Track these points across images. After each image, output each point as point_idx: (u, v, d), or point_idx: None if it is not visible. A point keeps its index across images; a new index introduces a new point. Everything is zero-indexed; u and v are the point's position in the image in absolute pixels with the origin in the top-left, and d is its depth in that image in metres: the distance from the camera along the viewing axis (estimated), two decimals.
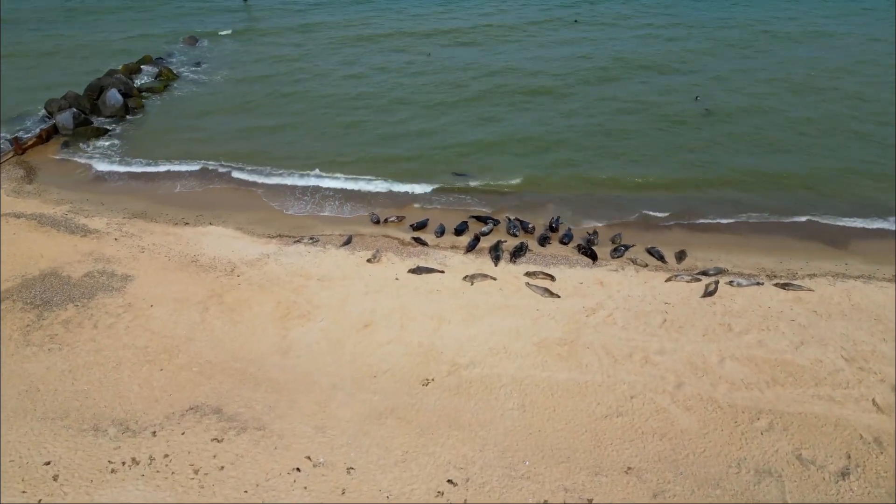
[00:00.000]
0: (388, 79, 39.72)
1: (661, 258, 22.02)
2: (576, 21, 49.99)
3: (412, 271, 21.11)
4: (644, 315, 19.04)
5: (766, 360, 17.21)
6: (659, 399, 16.06)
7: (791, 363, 17.10)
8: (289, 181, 27.86)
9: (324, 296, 19.96)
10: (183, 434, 15.03)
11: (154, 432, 15.08)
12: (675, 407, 15.82)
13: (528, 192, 26.87)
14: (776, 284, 20.31)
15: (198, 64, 42.13)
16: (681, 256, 22.13)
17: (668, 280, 20.67)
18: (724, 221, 24.66)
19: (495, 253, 22.15)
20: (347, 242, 23.05)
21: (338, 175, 28.21)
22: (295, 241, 23.19)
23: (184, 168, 28.91)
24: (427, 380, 16.71)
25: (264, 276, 21.00)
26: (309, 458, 14.43)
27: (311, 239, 23.19)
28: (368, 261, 21.79)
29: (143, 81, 38.91)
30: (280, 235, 23.82)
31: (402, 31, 47.72)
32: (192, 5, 56.34)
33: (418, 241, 23.25)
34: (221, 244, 22.91)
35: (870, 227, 23.85)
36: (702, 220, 24.79)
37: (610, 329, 18.49)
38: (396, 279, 20.85)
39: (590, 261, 22.00)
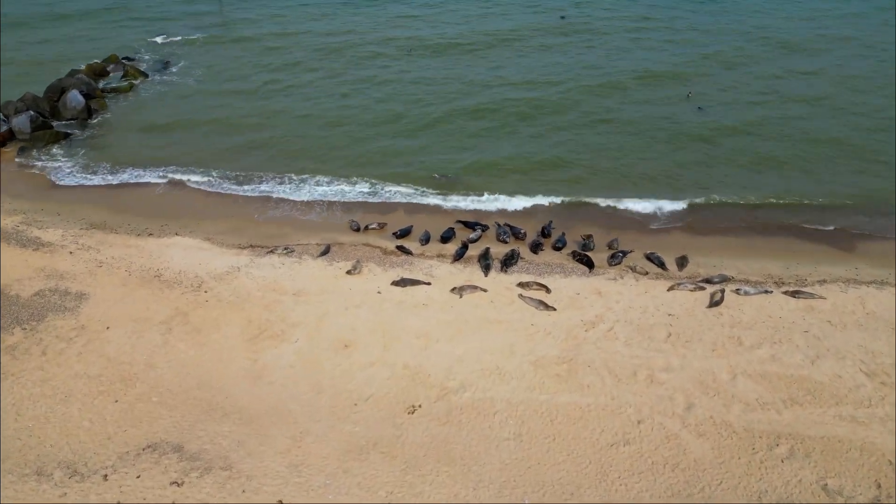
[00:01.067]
0: (368, 78, 37.98)
1: (661, 265, 20.64)
2: (562, 18, 48.45)
3: (396, 283, 19.50)
4: (647, 328, 17.63)
5: (782, 377, 15.87)
6: (669, 423, 14.63)
7: (808, 379, 15.78)
8: (262, 187, 26.05)
9: (299, 313, 18.29)
10: (138, 477, 13.29)
11: (105, 476, 13.32)
12: (687, 432, 14.40)
13: (517, 195, 25.34)
14: (785, 292, 19.01)
15: (167, 64, 40.01)
16: (682, 263, 20.77)
17: (671, 289, 19.30)
18: (725, 224, 23.35)
19: (485, 262, 20.61)
20: (325, 252, 21.37)
21: (315, 179, 26.47)
22: (268, 252, 21.46)
23: (149, 174, 26.96)
24: (413, 407, 15.13)
25: (234, 292, 19.25)
26: (282, 502, 12.78)
27: (286, 249, 21.48)
28: (348, 272, 20.13)
29: (108, 83, 36.76)
30: (252, 246, 22.05)
31: (385, 38, 45.87)
32: (164, 8, 53.97)
33: (402, 249, 21.65)
34: (188, 256, 21.10)
35: (875, 228, 22.67)
36: (701, 224, 23.46)
37: (611, 345, 17.04)
38: (379, 292, 19.23)
39: (586, 269, 20.57)
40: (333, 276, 20.07)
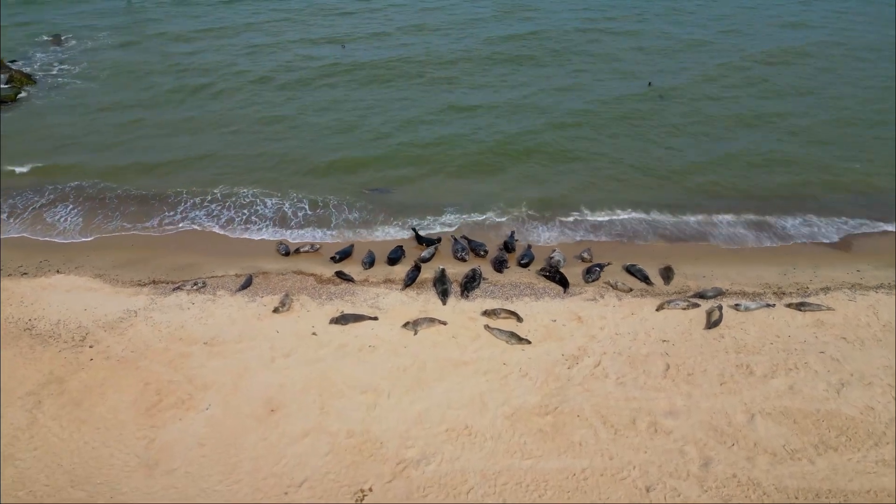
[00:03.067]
0: (299, 82, 34.04)
1: (645, 279, 17.82)
2: None
3: (335, 321, 15.91)
4: (640, 360, 14.71)
5: (806, 414, 13.21)
6: (685, 489, 11.67)
7: (837, 415, 13.17)
8: (169, 208, 21.84)
9: (212, 369, 14.46)
10: None
11: None
12: (709, 498, 11.48)
13: (471, 203, 22.12)
14: (789, 305, 16.51)
15: (62, 67, 34.85)
16: (668, 275, 18.01)
17: (661, 308, 16.48)
18: (707, 228, 20.81)
19: (442, 286, 17.26)
20: (246, 285, 17.54)
21: (236, 197, 22.44)
22: (175, 289, 17.43)
23: (29, 195, 22.29)
24: (362, 492, 11.64)
25: (129, 345, 15.22)
26: None
27: (197, 284, 17.51)
28: (275, 310, 16.39)
29: None
30: (155, 282, 17.96)
31: (314, 38, 41.81)
32: (61, 3, 48.10)
33: (341, 276, 18.04)
34: (71, 300, 16.85)
35: (870, 223, 20.63)
36: (681, 227, 20.85)
37: (601, 385, 14.01)
38: (314, 334, 15.60)
39: (560, 288, 17.52)
40: (256, 316, 16.28)
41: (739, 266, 18.71)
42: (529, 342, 15.23)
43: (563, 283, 17.54)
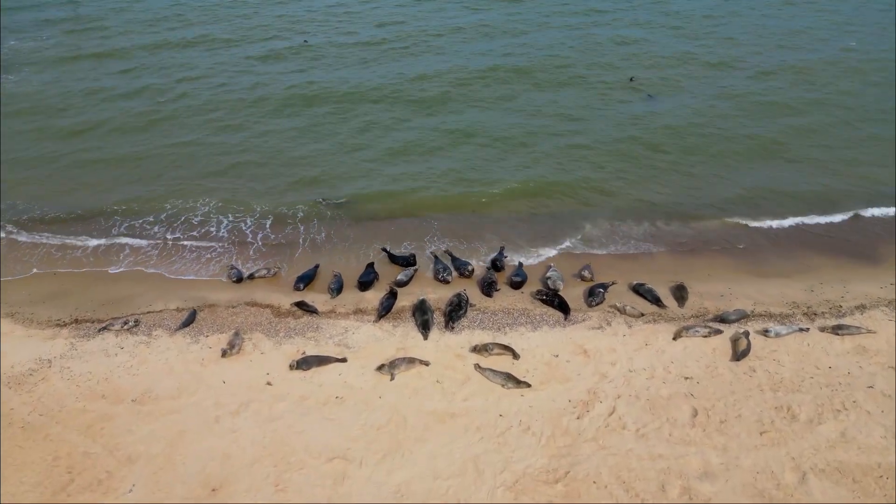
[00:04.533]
0: (260, 83, 31.09)
1: (656, 301, 15.48)
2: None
3: (296, 366, 13.19)
4: (662, 404, 12.33)
5: (866, 469, 10.96)
6: None
7: None
8: (103, 232, 18.79)
9: (141, 435, 11.65)
10: None
11: None
12: None
13: (450, 215, 19.57)
14: (824, 329, 14.30)
15: None
16: (681, 295, 15.69)
17: (678, 336, 14.13)
18: (718, 237, 18.57)
19: (422, 317, 14.67)
20: (188, 322, 14.71)
21: (183, 217, 19.49)
22: (101, 329, 14.52)
23: None
24: None
25: (38, 406, 12.32)
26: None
27: (128, 323, 14.61)
28: (223, 353, 13.61)
29: None
30: (78, 321, 15.01)
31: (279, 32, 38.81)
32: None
33: (303, 307, 15.31)
34: None
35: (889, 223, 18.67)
36: (688, 238, 18.58)
37: (619, 439, 11.58)
38: (269, 384, 12.88)
39: (560, 314, 15.08)
40: (199, 362, 13.48)
41: (759, 282, 16.48)
42: (529, 385, 12.74)
43: (564, 308, 15.10)
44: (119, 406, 12.32)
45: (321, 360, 13.36)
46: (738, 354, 13.52)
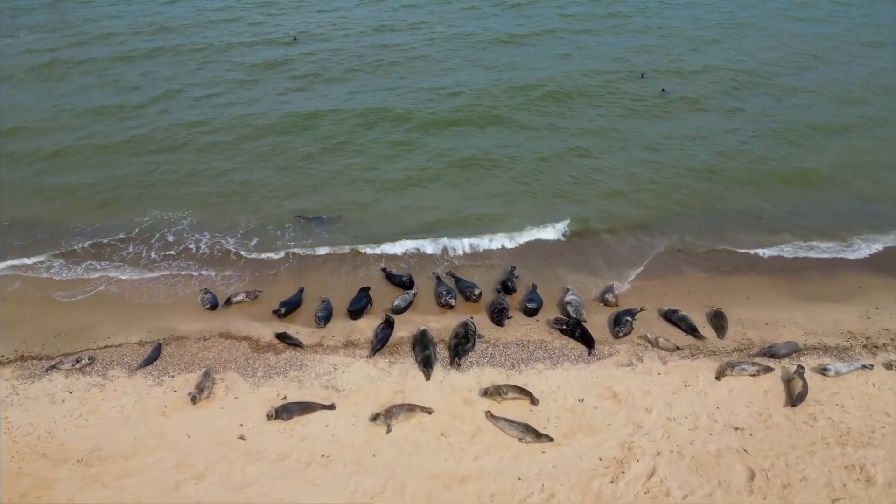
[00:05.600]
0: (242, 81, 28.99)
1: (692, 331, 13.48)
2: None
3: (274, 414, 11.16)
4: (711, 463, 10.33)
5: None
6: None
7: None
8: (58, 248, 16.66)
9: None
10: None
11: None
12: None
13: (451, 227, 17.54)
14: (890, 366, 12.32)
15: None
16: (720, 324, 13.69)
17: (721, 375, 12.15)
18: (753, 253, 16.59)
19: (423, 353, 12.64)
20: (152, 359, 12.64)
21: (155, 235, 17.41)
22: (49, 368, 12.46)
23: None
24: None
25: None
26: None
27: (81, 360, 12.53)
28: (191, 398, 11.57)
29: None
30: (23, 357, 12.93)
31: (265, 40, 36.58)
32: None
33: (286, 340, 13.25)
34: None
35: None
36: (720, 254, 16.59)
37: None
38: (242, 438, 10.84)
39: (583, 347, 13.07)
40: (161, 410, 11.43)
41: (806, 307, 14.49)
42: (552, 439, 10.73)
43: (587, 341, 13.08)
44: (62, 468, 10.26)
45: (304, 408, 11.32)
46: (795, 398, 11.53)
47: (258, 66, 29.99)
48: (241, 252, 16.63)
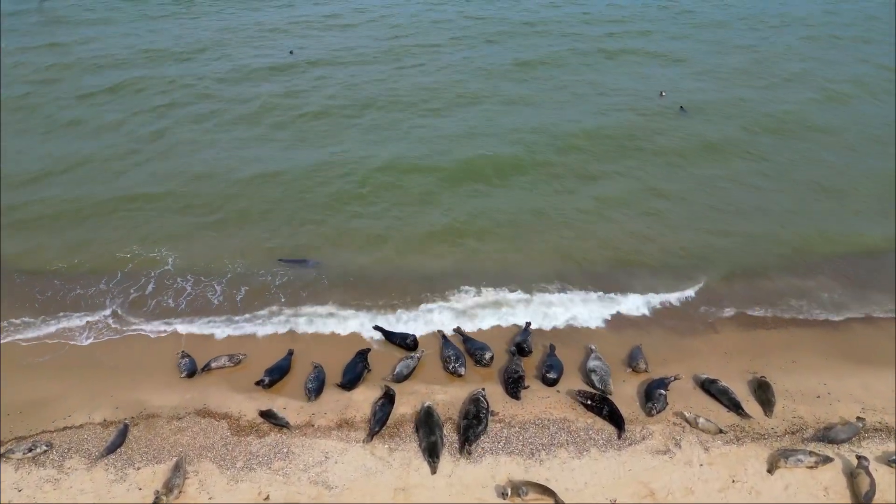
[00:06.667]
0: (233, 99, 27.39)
1: (735, 407, 11.81)
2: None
3: None
4: None
5: None
6: None
7: None
8: (16, 302, 14.99)
9: None
10: None
11: None
12: None
13: (454, 275, 15.84)
14: None
15: None
16: (766, 398, 12.01)
17: (774, 467, 10.49)
18: (794, 302, 14.92)
19: (428, 438, 10.97)
20: (117, 445, 10.96)
21: (132, 271, 15.86)
22: None
23: None
24: None
25: None
26: None
27: (35, 447, 10.88)
28: (157, 498, 9.91)
29: None
30: None
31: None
32: None
33: (271, 419, 11.57)
34: None
35: None
36: (757, 303, 14.95)
37: None
38: None
39: (612, 427, 11.42)
40: None
41: (860, 372, 12.82)
42: None
43: (617, 420, 11.42)
44: None
45: None
46: (863, 497, 9.88)
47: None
48: (229, 303, 14.98)
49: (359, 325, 14.25)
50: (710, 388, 12.23)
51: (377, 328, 14.01)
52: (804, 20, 38.94)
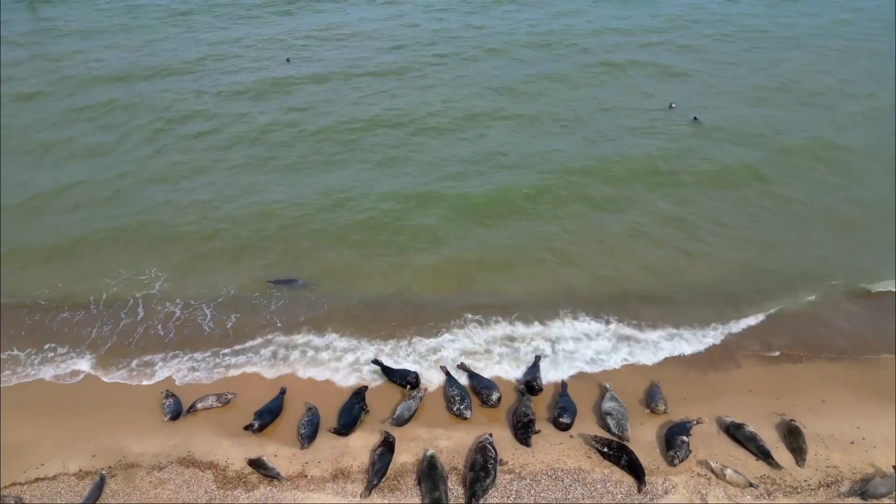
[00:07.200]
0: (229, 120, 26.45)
1: (764, 455, 10.89)
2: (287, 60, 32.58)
3: None
4: None
5: None
6: None
7: None
8: None
9: None
10: None
11: None
12: None
13: (459, 301, 14.94)
14: None
15: None
16: (797, 445, 11.09)
17: None
18: (819, 333, 14.04)
19: (431, 494, 10.05)
20: (91, 501, 10.06)
21: (113, 299, 14.99)
22: None
23: None
24: None
25: None
26: None
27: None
28: None
29: None
30: None
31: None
32: None
33: (260, 469, 10.66)
34: None
35: None
36: (781, 335, 14.05)
37: None
38: None
39: (632, 479, 10.51)
40: None
41: (893, 412, 11.93)
42: None
43: (636, 471, 10.51)
44: None
45: None
46: None
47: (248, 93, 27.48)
48: (219, 330, 14.12)
49: (356, 358, 13.33)
50: (735, 433, 11.32)
51: (376, 362, 13.10)
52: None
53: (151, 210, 18.87)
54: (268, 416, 11.64)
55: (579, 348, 13.54)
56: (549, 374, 12.94)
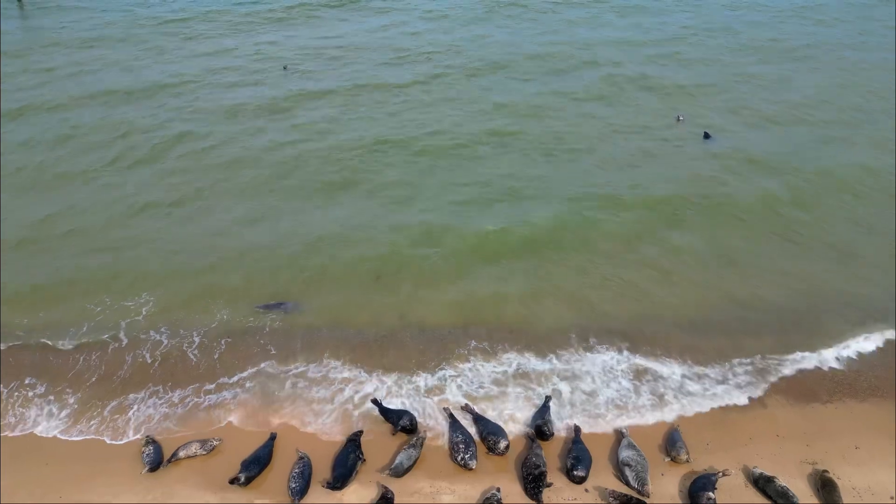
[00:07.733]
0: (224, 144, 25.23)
1: None
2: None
3: None
4: None
5: None
6: None
7: None
8: None
9: None
10: None
11: None
12: None
13: (458, 339, 13.92)
14: None
15: None
16: (832, 500, 10.18)
17: None
18: (848, 365, 13.14)
19: None
20: None
21: (92, 329, 14.06)
22: None
23: None
24: None
25: None
26: None
27: None
28: None
29: None
30: None
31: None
32: None
33: None
34: None
35: None
36: (807, 370, 13.15)
37: None
38: None
39: None
40: None
41: None
42: None
43: None
44: None
45: None
46: None
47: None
48: (207, 361, 13.17)
49: (352, 396, 12.39)
50: (766, 487, 10.38)
51: (375, 402, 12.16)
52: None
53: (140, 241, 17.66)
54: (255, 468, 10.67)
55: (595, 388, 12.59)
56: (563, 414, 12.02)
